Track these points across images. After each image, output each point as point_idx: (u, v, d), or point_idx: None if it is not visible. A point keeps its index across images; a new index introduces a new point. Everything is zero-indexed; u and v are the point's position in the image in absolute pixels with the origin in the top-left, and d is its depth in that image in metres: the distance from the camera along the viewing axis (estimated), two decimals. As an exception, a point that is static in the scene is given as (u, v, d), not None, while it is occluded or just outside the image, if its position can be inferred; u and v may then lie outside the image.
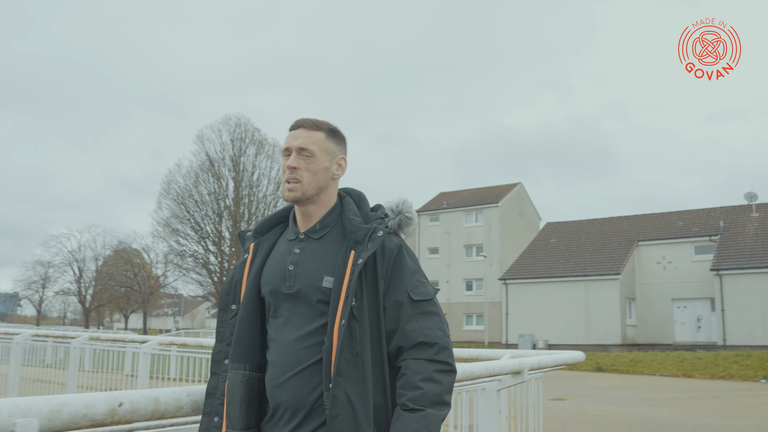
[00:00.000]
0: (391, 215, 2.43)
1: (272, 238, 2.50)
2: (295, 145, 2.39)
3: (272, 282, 2.36)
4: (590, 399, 16.91)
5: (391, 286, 2.29)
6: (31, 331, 14.38)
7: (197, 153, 52.64)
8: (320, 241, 2.39)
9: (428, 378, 2.17)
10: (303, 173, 2.38)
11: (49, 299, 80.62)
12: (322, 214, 2.43)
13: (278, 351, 2.28)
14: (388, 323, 2.27)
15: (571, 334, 45.73)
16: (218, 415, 2.31)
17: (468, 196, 66.86)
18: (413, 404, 2.14)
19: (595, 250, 48.77)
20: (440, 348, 2.24)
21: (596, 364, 28.39)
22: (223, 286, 2.48)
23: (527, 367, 5.32)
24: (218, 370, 2.37)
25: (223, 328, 2.41)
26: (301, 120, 2.46)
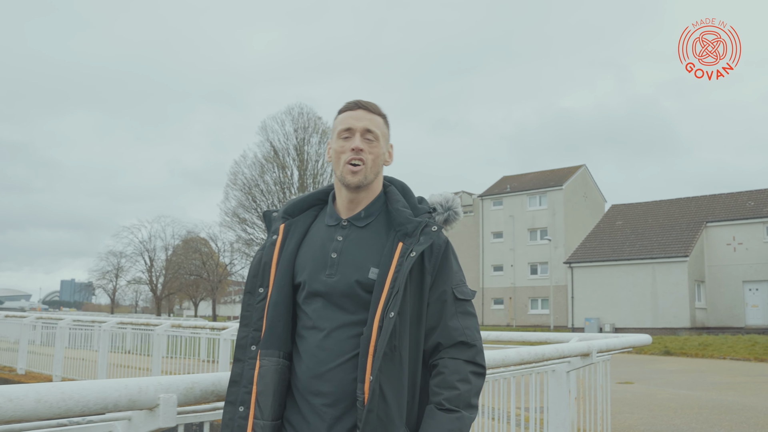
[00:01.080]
0: (440, 210, 2.40)
1: (306, 221, 2.41)
2: (360, 126, 2.31)
3: (311, 268, 2.27)
4: (658, 382, 16.86)
5: (437, 282, 2.24)
6: (116, 319, 15.08)
7: (261, 144, 53.61)
8: (365, 230, 2.31)
9: (465, 379, 2.15)
10: (367, 156, 2.30)
11: (122, 288, 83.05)
12: (368, 202, 2.35)
13: (318, 341, 2.19)
14: (430, 319, 2.22)
15: (638, 318, 45.23)
16: (244, 405, 2.21)
17: (531, 180, 66.40)
18: (449, 404, 2.11)
19: (662, 232, 48.01)
20: (478, 350, 2.22)
21: (664, 347, 28.11)
22: (250, 268, 2.37)
23: (595, 349, 5.53)
24: (244, 357, 2.27)
25: (250, 312, 2.31)
26: (361, 101, 2.38)
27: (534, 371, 5.14)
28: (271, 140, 53.11)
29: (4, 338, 18.51)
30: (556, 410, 5.31)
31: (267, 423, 2.16)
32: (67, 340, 14.87)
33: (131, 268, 78.53)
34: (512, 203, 64.84)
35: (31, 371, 15.27)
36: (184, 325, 13.48)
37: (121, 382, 2.11)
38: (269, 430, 2.16)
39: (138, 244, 76.91)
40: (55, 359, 14.36)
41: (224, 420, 2.23)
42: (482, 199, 67.05)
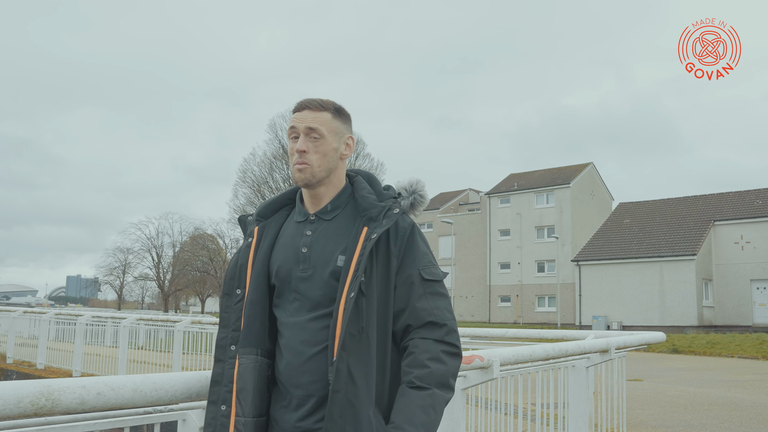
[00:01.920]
0: (404, 194, 2.39)
1: (278, 221, 2.46)
2: (303, 127, 2.35)
3: (285, 265, 2.32)
4: (667, 380, 17.04)
5: (403, 264, 2.26)
6: (135, 315, 15.29)
7: (270, 141, 53.95)
8: (332, 222, 2.35)
9: (436, 358, 2.15)
10: (312, 156, 2.34)
11: (129, 284, 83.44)
12: (332, 195, 2.39)
13: (294, 334, 2.25)
14: (398, 302, 2.24)
15: (646, 316, 45.35)
16: (226, 404, 2.25)
17: (538, 177, 66.48)
18: (420, 382, 2.11)
19: (670, 230, 48.10)
20: (449, 329, 2.22)
21: (672, 345, 28.24)
22: (227, 271, 2.43)
23: (614, 345, 5.74)
24: (224, 357, 2.31)
25: (228, 314, 2.35)
26: (306, 101, 2.41)
27: (556, 366, 5.35)
28: (280, 138, 53.38)
29: (18, 334, 18.80)
30: (576, 404, 5.52)
31: (248, 420, 2.20)
32: (85, 336, 15.10)
33: (138, 264, 78.93)
34: (519, 201, 64.93)
35: (51, 366, 15.52)
36: (204, 322, 13.68)
37: (201, 374, 2.32)
38: (251, 426, 2.19)
39: (145, 240, 77.32)
40: (75, 355, 14.60)
41: (207, 419, 2.27)
42: (489, 197, 67.16)
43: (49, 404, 1.96)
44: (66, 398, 1.99)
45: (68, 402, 1.99)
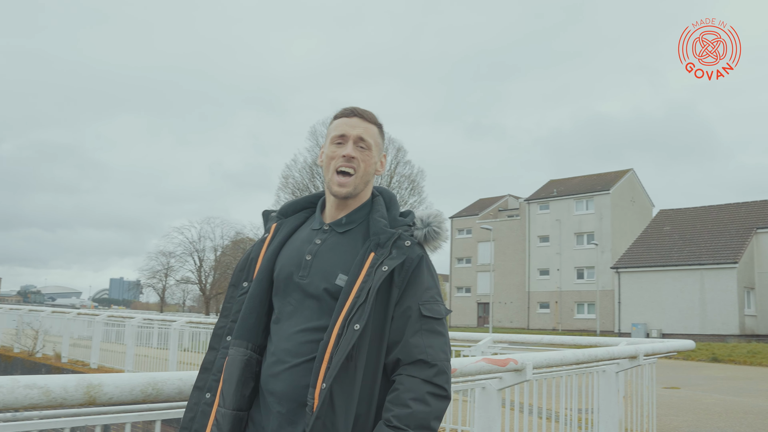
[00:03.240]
0: (419, 225, 2.31)
1: (295, 222, 2.44)
2: (354, 134, 2.30)
3: (287, 267, 2.30)
4: (704, 388, 17.11)
5: (404, 296, 2.19)
6: (185, 318, 15.83)
7: (311, 148, 54.52)
8: (343, 236, 2.30)
9: (419, 399, 2.07)
10: (359, 164, 2.29)
11: (171, 287, 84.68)
12: (353, 209, 2.34)
13: (279, 341, 2.23)
14: (393, 334, 2.16)
15: (686, 324, 45.01)
16: (211, 392, 2.26)
17: (578, 184, 66.29)
18: (397, 422, 2.04)
19: (711, 237, 47.69)
20: (439, 371, 2.12)
21: (712, 354, 28.10)
22: (238, 263, 2.42)
23: (642, 352, 6.06)
24: (218, 346, 2.32)
25: (231, 304, 2.36)
26: (357, 109, 2.36)
27: (586, 371, 5.69)
28: (320, 145, 53.92)
29: (71, 335, 19.54)
30: (606, 407, 5.85)
31: (228, 411, 2.19)
32: (136, 337, 15.71)
33: (180, 268, 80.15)
34: (559, 207, 64.81)
35: (104, 366, 16.13)
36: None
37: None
38: (229, 418, 2.18)
39: (188, 244, 78.52)
40: (127, 355, 15.22)
41: (189, 404, 2.27)
42: (528, 203, 67.14)
43: (154, 393, 2.39)
44: (167, 388, 2.41)
45: (169, 391, 2.42)
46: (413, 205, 54.76)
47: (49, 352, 18.78)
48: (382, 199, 2.38)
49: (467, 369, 3.76)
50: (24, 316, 20.38)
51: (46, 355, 18.63)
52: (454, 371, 3.66)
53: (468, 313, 72.70)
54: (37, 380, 2.19)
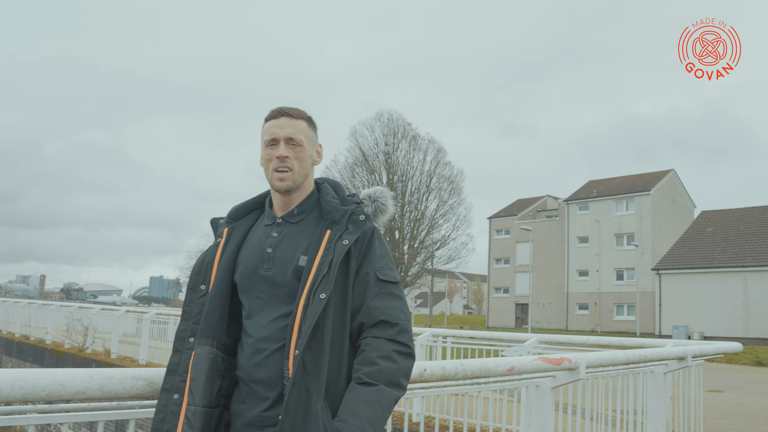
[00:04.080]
0: (367, 201, 2.48)
1: (247, 224, 2.55)
2: (283, 135, 2.43)
3: (250, 264, 2.40)
4: (749, 392, 16.98)
5: (362, 266, 2.34)
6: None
7: (351, 149, 54.70)
8: (298, 225, 2.44)
9: (386, 356, 2.21)
10: (293, 162, 2.42)
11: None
12: (300, 200, 2.48)
13: (256, 332, 2.32)
14: (354, 301, 2.30)
15: (729, 327, 44.42)
16: (178, 392, 2.32)
17: (618, 184, 65.72)
18: (368, 378, 2.17)
19: (755, 239, 46.97)
20: (401, 329, 2.27)
21: (756, 358, 27.77)
22: (193, 267, 2.51)
23: (690, 354, 6.15)
24: (182, 348, 2.39)
25: (190, 307, 2.44)
26: (284, 108, 2.49)
27: (635, 371, 5.81)
28: (360, 145, 54.26)
29: (120, 332, 20.02)
30: (654, 407, 5.95)
31: (198, 408, 2.26)
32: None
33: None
34: (598, 208, 64.33)
35: (152, 362, 16.49)
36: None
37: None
38: (200, 414, 2.25)
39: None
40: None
41: (158, 406, 2.33)
42: (568, 204, 66.74)
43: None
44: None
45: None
46: (453, 205, 54.74)
47: (99, 348, 19.25)
48: (327, 185, 2.54)
49: (524, 367, 3.92)
50: (74, 313, 20.89)
51: (96, 351, 19.09)
52: (512, 369, 3.82)
53: (506, 313, 72.49)
54: (141, 372, 2.40)
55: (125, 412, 2.64)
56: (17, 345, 23.13)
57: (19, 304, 25.80)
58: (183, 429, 2.26)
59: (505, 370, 3.74)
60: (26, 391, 2.13)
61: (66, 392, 2.22)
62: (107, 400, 2.53)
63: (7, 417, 2.47)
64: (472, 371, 3.50)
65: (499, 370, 3.70)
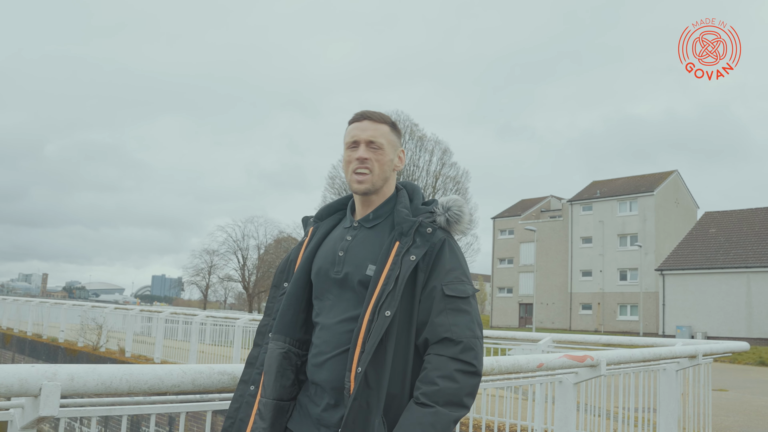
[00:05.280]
0: (439, 211, 2.40)
1: (330, 224, 2.57)
2: (364, 138, 2.44)
3: (323, 265, 2.43)
4: (753, 391, 17.24)
5: (429, 280, 2.28)
6: (249, 316, 16.40)
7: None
8: (372, 230, 2.42)
9: (447, 376, 2.15)
10: (373, 164, 2.42)
11: (213, 285, 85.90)
12: (378, 204, 2.47)
13: (322, 333, 2.35)
14: (421, 316, 2.26)
15: (732, 327, 44.66)
16: (254, 384, 2.40)
17: (621, 185, 65.96)
18: (425, 399, 2.12)
19: (758, 240, 47.20)
20: (465, 347, 2.20)
21: (759, 357, 28.03)
22: (278, 265, 2.58)
23: (701, 352, 6.44)
24: (261, 342, 2.48)
25: (273, 304, 2.51)
26: (367, 112, 2.50)
27: (649, 369, 6.10)
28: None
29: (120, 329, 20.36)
30: (666, 403, 6.23)
31: (269, 401, 2.33)
32: (198, 334, 16.35)
33: (224, 266, 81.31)
34: (602, 209, 64.58)
35: (167, 360, 16.72)
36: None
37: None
38: (270, 407, 2.32)
39: (232, 243, 79.64)
40: (191, 352, 15.85)
41: (235, 396, 2.44)
42: (571, 204, 66.99)
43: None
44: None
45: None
46: (457, 206, 54.88)
47: (113, 347, 19.55)
48: (405, 191, 2.52)
49: (552, 364, 4.21)
50: (88, 312, 21.17)
51: (110, 349, 19.38)
52: (541, 366, 4.11)
53: (509, 313, 72.75)
54: (226, 368, 2.67)
55: (204, 404, 2.92)
56: (30, 343, 23.42)
57: (31, 303, 26.09)
58: (255, 419, 2.34)
59: (534, 366, 4.03)
60: (132, 385, 2.37)
61: (164, 385, 2.47)
62: (195, 392, 2.73)
63: (106, 408, 2.74)
64: (507, 367, 3.79)
65: (529, 366, 3.99)
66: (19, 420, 2.32)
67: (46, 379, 2.18)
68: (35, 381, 2.16)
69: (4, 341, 25.70)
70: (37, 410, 2.20)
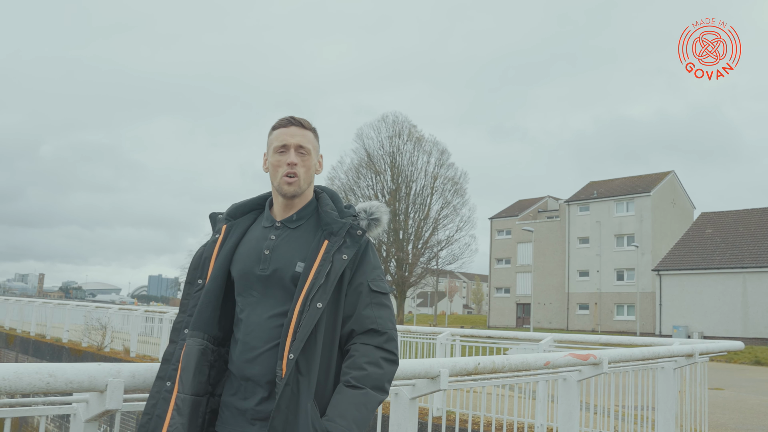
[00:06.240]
0: (363, 215, 2.58)
1: (245, 223, 2.64)
2: (294, 143, 2.54)
3: (246, 264, 2.49)
4: (749, 390, 17.53)
5: (355, 276, 2.45)
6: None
7: (357, 150, 55.26)
8: (296, 230, 2.53)
9: (374, 362, 2.33)
10: (300, 169, 2.53)
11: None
12: (300, 206, 2.58)
13: (249, 329, 2.41)
14: (346, 309, 2.42)
15: (728, 327, 44.99)
16: (171, 380, 2.42)
17: (618, 186, 66.24)
18: (356, 382, 2.29)
19: (754, 241, 47.55)
20: (389, 338, 2.41)
21: (755, 357, 28.35)
22: (191, 261, 2.61)
23: (698, 351, 6.71)
24: (177, 339, 2.50)
25: (187, 300, 2.54)
26: (294, 118, 2.61)
27: (648, 367, 6.36)
28: (366, 147, 54.87)
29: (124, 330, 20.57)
30: (664, 400, 6.50)
31: (187, 396, 2.37)
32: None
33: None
34: (599, 209, 64.85)
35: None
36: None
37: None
38: (188, 402, 2.36)
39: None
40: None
41: (152, 392, 2.45)
42: (568, 205, 67.26)
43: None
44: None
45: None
46: (456, 206, 55.28)
47: (118, 347, 19.78)
48: (326, 195, 2.65)
49: (558, 362, 4.47)
50: (92, 313, 21.40)
51: (114, 349, 19.62)
52: (548, 363, 4.37)
53: (507, 313, 73.02)
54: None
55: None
56: (33, 343, 23.64)
57: (34, 304, 26.33)
58: (172, 415, 2.37)
59: (542, 364, 4.29)
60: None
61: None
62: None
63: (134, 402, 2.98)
64: (516, 365, 4.05)
65: (537, 364, 4.26)
66: (83, 413, 2.54)
67: (111, 376, 2.38)
68: (102, 378, 2.37)
69: (8, 341, 25.92)
70: (103, 404, 2.41)
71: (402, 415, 3.60)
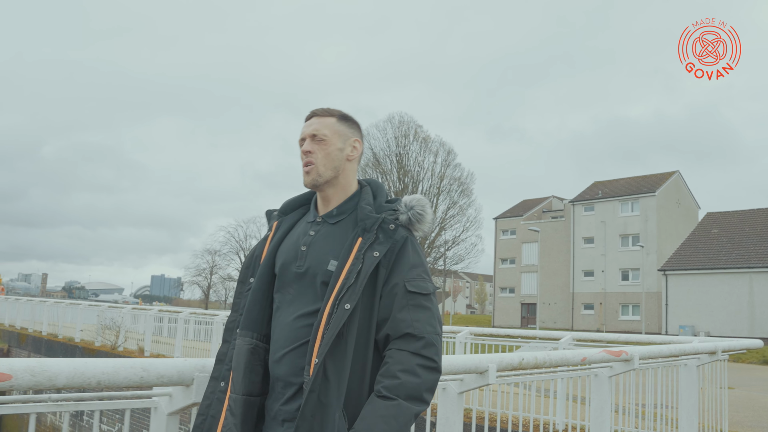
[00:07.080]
0: (402, 209, 2.40)
1: (293, 219, 2.56)
2: (308, 132, 2.47)
3: (285, 260, 2.42)
4: (759, 389, 17.65)
5: (391, 276, 2.29)
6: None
7: (363, 151, 55.53)
8: (335, 226, 2.42)
9: (409, 370, 2.15)
10: (317, 156, 2.43)
11: (215, 285, 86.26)
12: (340, 199, 2.47)
13: (279, 328, 2.34)
14: (381, 311, 2.26)
15: (734, 327, 45.05)
16: (224, 380, 2.38)
17: (623, 185, 66.31)
18: (387, 392, 2.12)
19: (760, 240, 47.61)
20: (427, 343, 2.21)
21: (763, 357, 28.46)
22: (244, 260, 2.57)
23: (720, 348, 6.84)
24: (230, 338, 2.45)
25: (239, 299, 2.49)
26: (314, 110, 2.54)
27: (672, 364, 6.50)
28: (372, 147, 55.02)
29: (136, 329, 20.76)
30: (687, 397, 6.64)
31: (238, 397, 2.30)
32: (219, 334, 16.74)
33: (227, 266, 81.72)
34: (604, 209, 64.94)
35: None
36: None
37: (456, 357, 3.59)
38: (240, 402, 2.29)
39: (234, 243, 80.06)
40: (212, 352, 16.24)
41: (206, 393, 2.41)
42: (573, 205, 67.35)
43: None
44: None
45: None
46: (463, 207, 55.46)
47: (132, 347, 19.94)
48: (369, 188, 2.51)
49: (593, 358, 4.62)
50: (105, 312, 21.59)
51: (128, 349, 19.76)
52: (584, 360, 4.51)
53: (511, 313, 73.16)
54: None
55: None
56: (46, 342, 23.79)
57: (46, 303, 26.49)
58: (225, 416, 2.33)
59: (579, 360, 4.44)
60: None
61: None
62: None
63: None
64: (556, 361, 4.20)
65: (575, 360, 4.41)
66: (166, 407, 2.67)
67: (197, 371, 2.52)
68: (189, 372, 2.51)
69: (20, 341, 26.09)
70: (189, 398, 2.55)
71: (450, 409, 3.74)
